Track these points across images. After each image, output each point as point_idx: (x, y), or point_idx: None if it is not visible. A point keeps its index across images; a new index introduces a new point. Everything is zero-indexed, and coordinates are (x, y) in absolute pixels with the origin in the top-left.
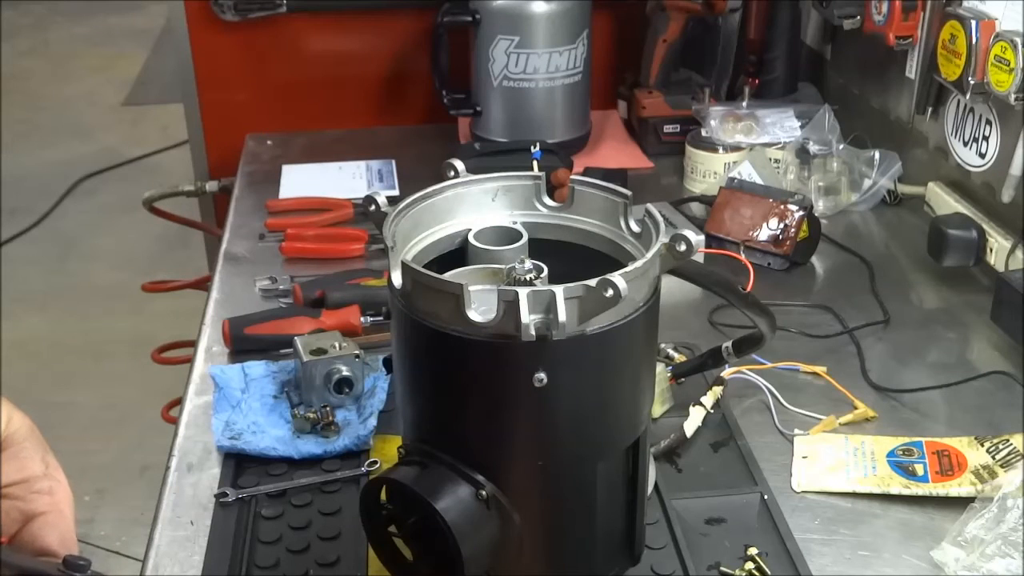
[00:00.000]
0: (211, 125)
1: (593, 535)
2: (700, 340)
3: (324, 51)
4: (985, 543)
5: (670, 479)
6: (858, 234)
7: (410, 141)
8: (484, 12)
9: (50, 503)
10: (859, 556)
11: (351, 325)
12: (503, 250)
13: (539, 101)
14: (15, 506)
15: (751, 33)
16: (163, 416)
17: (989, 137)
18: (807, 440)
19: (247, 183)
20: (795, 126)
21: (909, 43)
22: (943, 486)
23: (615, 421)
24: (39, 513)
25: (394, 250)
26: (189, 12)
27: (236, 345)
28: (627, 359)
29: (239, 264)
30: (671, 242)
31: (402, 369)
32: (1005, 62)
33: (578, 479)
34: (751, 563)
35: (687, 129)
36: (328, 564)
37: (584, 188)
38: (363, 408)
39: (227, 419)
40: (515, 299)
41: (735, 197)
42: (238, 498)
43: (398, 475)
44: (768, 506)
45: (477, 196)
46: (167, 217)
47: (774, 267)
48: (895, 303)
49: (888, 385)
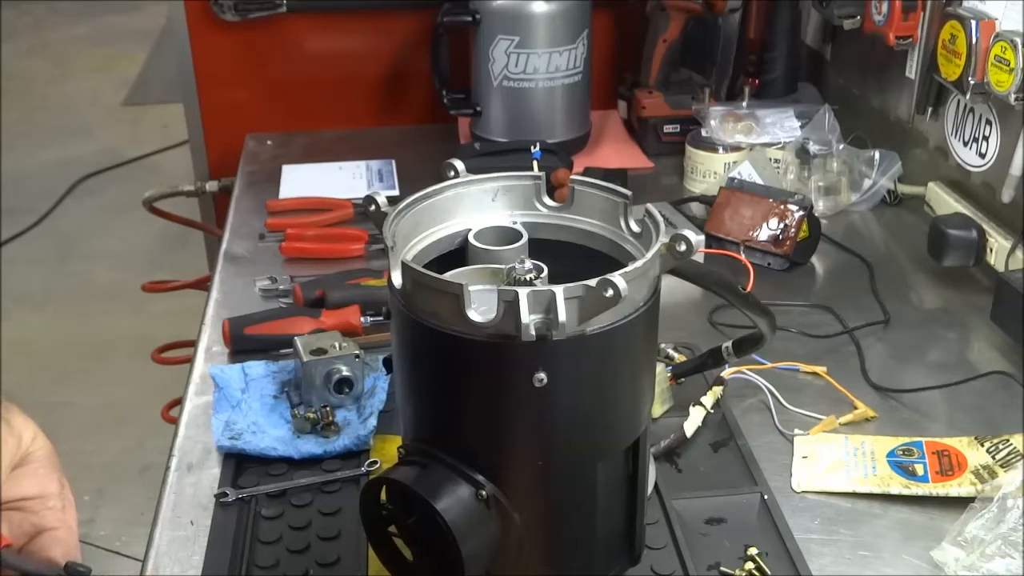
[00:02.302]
0: (211, 125)
1: (593, 535)
2: (700, 340)
3: (324, 51)
4: (985, 543)
5: (670, 479)
6: (858, 234)
7: (410, 141)
8: (484, 12)
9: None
10: (859, 556)
11: (351, 325)
12: (503, 250)
13: (539, 101)
14: (28, 519)
15: (751, 33)
16: (163, 416)
17: (989, 137)
18: (807, 440)
19: (247, 183)
20: (795, 126)
21: (909, 43)
22: (943, 486)
23: (615, 421)
24: (49, 528)
25: (394, 250)
26: (189, 12)
27: (236, 345)
28: (627, 359)
29: (239, 264)
30: (671, 242)
31: (402, 369)
32: (1005, 62)
33: (578, 479)
34: (751, 563)
35: (687, 129)
36: (328, 564)
37: (584, 188)
38: (363, 408)
39: (227, 419)
40: (515, 299)
41: (735, 197)
42: (238, 498)
43: (398, 475)
44: (768, 506)
45: (477, 196)
46: (167, 217)
47: (774, 267)
48: (895, 303)
49: (888, 385)
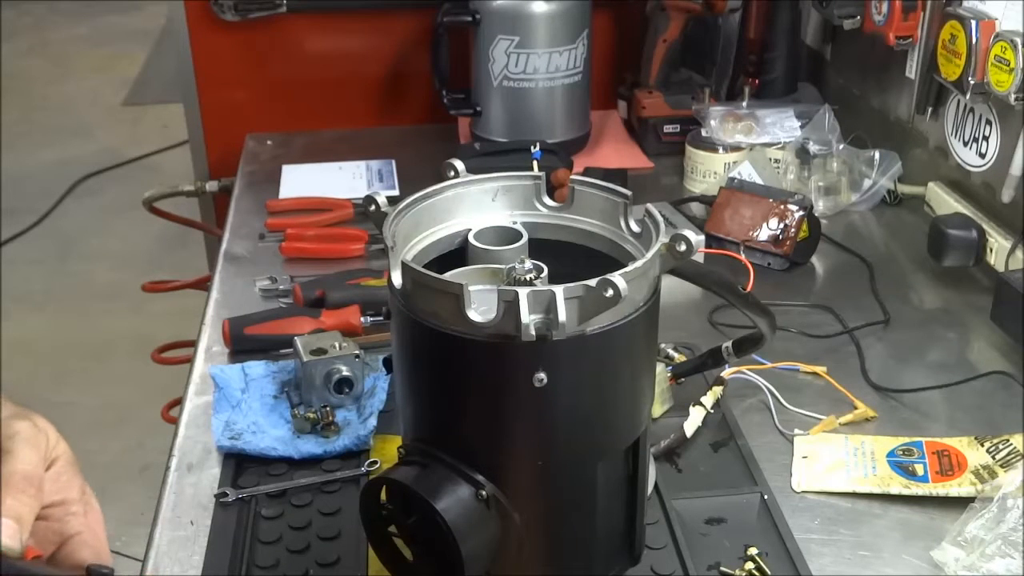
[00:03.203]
0: (211, 125)
1: (593, 535)
2: (700, 340)
3: (324, 51)
4: (985, 543)
5: (670, 479)
6: (858, 234)
7: (410, 141)
8: (484, 12)
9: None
10: (859, 556)
11: (351, 325)
12: (503, 250)
13: (539, 101)
14: (51, 527)
15: (751, 33)
16: (163, 416)
17: (989, 137)
18: (807, 440)
19: (247, 183)
20: (795, 126)
21: (909, 43)
22: (943, 486)
23: (615, 421)
24: (74, 533)
25: (394, 250)
26: (189, 12)
27: (236, 345)
28: (627, 359)
29: (239, 264)
30: (671, 242)
31: (402, 369)
32: (1005, 62)
33: (578, 479)
34: (751, 563)
35: (687, 129)
36: (328, 564)
37: (584, 188)
38: (363, 408)
39: (227, 419)
40: (515, 299)
41: (735, 197)
42: (238, 498)
43: (398, 475)
44: (768, 506)
45: (477, 196)
46: (167, 217)
47: (774, 267)
48: (895, 303)
49: (888, 385)
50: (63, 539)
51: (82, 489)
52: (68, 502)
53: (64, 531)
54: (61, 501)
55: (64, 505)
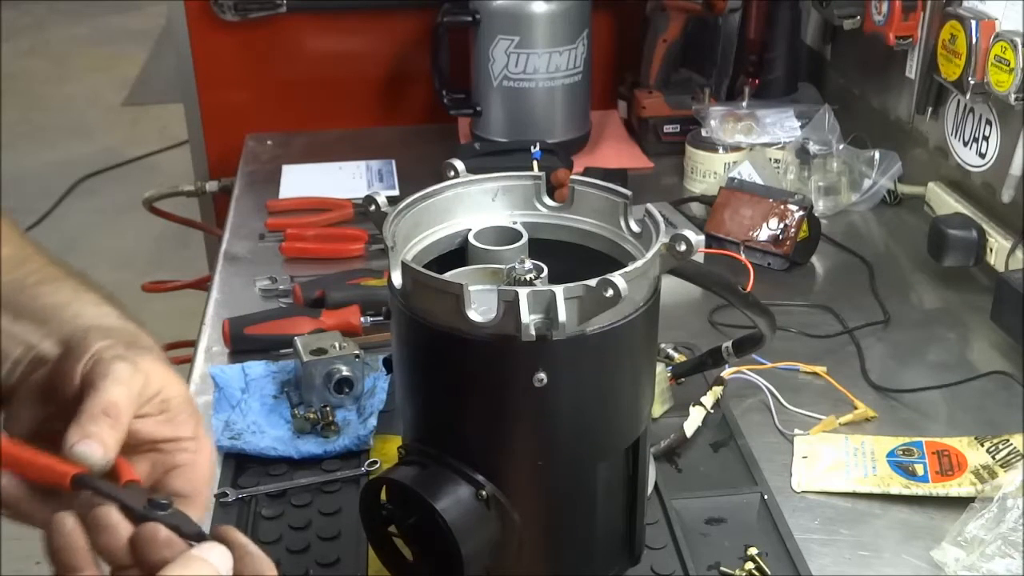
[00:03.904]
0: (211, 125)
1: (593, 535)
2: (700, 340)
3: (324, 51)
4: (985, 543)
5: (670, 479)
6: (858, 234)
7: (410, 141)
8: (484, 12)
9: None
10: (859, 556)
11: (351, 325)
12: (503, 250)
13: (539, 101)
14: (160, 459)
15: (751, 33)
16: None
17: (989, 137)
18: (807, 440)
19: (247, 183)
20: (795, 126)
21: (909, 43)
22: (943, 486)
23: (615, 421)
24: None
25: (394, 250)
26: (189, 12)
27: (236, 345)
28: (627, 359)
29: (239, 264)
30: (671, 242)
31: (402, 369)
32: (1005, 62)
33: (578, 479)
34: (751, 563)
35: (687, 129)
36: (328, 564)
37: (584, 188)
38: (363, 408)
39: (227, 419)
40: (515, 299)
41: (735, 197)
42: (238, 498)
43: (398, 475)
44: (768, 506)
45: (477, 196)
46: (167, 217)
47: (774, 267)
48: (895, 303)
49: (888, 385)
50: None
51: (195, 430)
52: (180, 439)
53: (169, 463)
54: (174, 438)
55: (176, 442)
